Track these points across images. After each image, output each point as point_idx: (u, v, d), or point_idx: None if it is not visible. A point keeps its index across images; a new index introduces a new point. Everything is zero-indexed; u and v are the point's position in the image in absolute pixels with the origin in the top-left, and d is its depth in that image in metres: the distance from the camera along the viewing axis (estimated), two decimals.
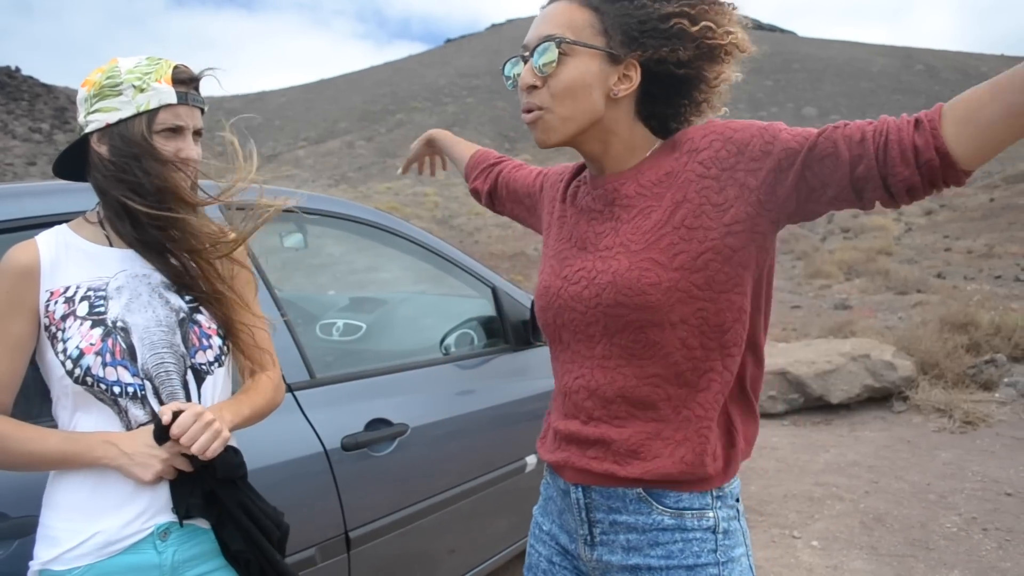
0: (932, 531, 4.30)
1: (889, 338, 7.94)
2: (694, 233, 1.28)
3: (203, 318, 1.58)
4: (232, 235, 1.61)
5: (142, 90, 1.49)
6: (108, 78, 1.51)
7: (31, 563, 1.45)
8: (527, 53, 1.37)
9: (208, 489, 1.46)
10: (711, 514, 1.37)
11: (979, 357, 7.37)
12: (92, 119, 1.51)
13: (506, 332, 3.15)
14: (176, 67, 1.54)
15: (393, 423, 2.42)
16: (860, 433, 6.28)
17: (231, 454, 1.51)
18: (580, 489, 1.44)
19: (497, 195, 1.95)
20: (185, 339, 1.54)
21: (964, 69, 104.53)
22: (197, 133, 1.59)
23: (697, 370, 1.33)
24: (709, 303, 1.29)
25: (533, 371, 3.16)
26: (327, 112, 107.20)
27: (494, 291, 3.16)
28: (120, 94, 1.50)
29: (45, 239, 1.54)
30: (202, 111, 1.60)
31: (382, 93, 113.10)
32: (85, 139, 1.55)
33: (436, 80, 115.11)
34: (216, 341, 1.59)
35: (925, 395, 6.66)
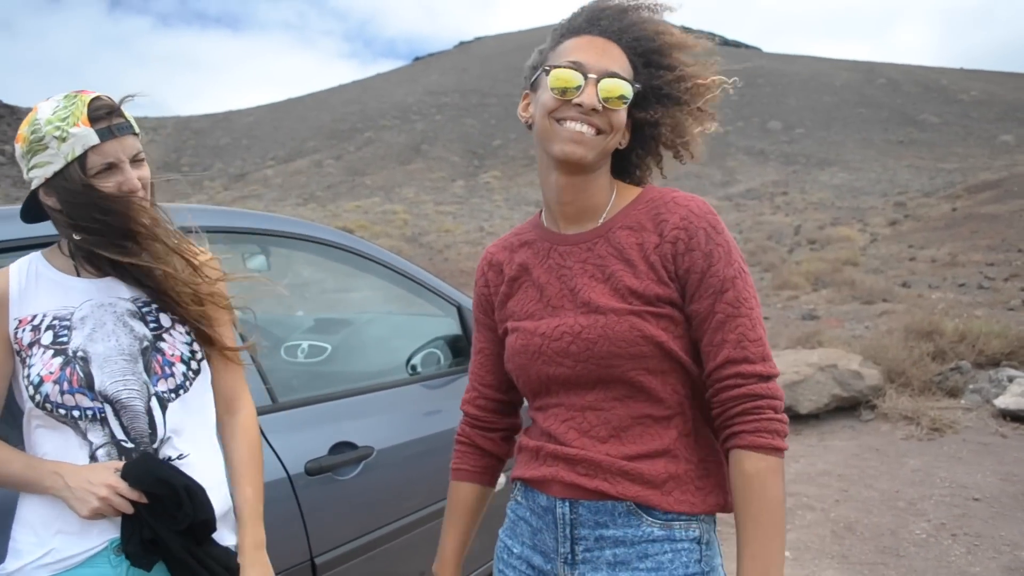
0: (902, 538, 4.34)
1: (856, 347, 8.01)
2: (668, 309, 1.39)
3: (166, 346, 1.61)
4: (199, 251, 1.69)
5: (63, 139, 1.49)
6: (32, 132, 1.51)
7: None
8: (592, 76, 1.39)
9: (150, 537, 1.48)
10: (695, 525, 1.42)
11: (944, 364, 7.45)
12: (32, 175, 1.54)
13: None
14: (90, 104, 1.53)
15: (358, 446, 2.39)
16: (829, 442, 6.32)
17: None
18: (567, 504, 1.45)
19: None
20: (147, 367, 1.58)
21: (925, 83, 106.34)
22: (136, 159, 1.58)
23: (683, 412, 1.43)
24: (687, 358, 1.41)
25: None
26: (295, 131, 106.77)
27: (459, 310, 3.15)
28: (46, 148, 1.50)
29: (17, 268, 1.60)
30: (134, 134, 1.59)
31: (350, 111, 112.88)
32: (35, 192, 1.57)
33: (404, 98, 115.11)
34: (179, 368, 1.61)
35: (892, 403, 6.73)
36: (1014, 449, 5.78)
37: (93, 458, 1.51)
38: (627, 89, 1.40)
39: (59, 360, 1.50)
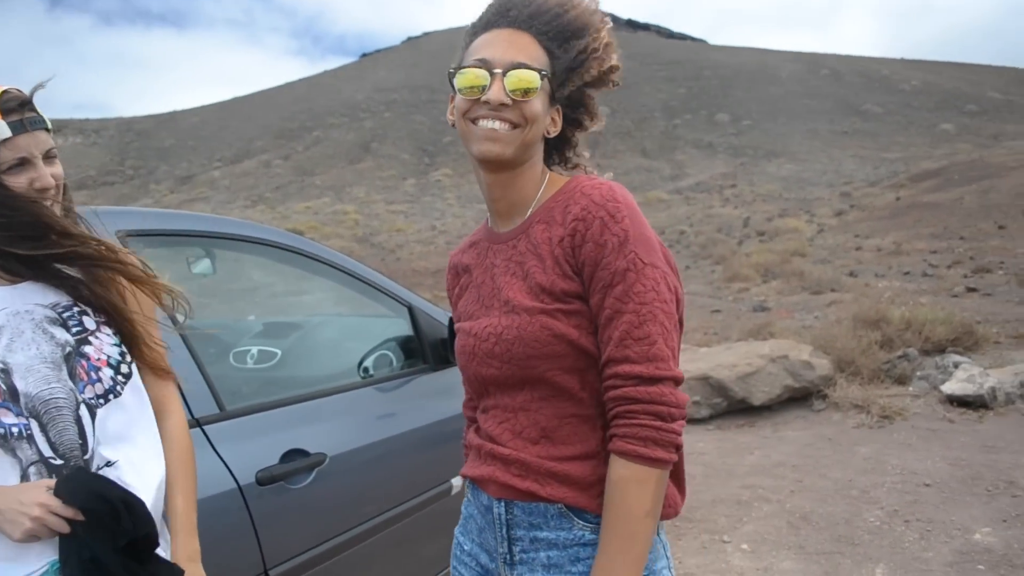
0: (856, 526, 4.39)
1: (806, 337, 8.13)
2: (578, 304, 1.37)
3: (91, 350, 1.54)
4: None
5: None
6: None
7: None
8: (498, 71, 1.37)
9: (88, 556, 1.41)
10: None
11: (892, 352, 7.59)
12: None
13: (424, 352, 3.10)
14: (2, 96, 1.48)
15: (310, 453, 2.34)
16: (783, 433, 6.39)
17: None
18: (503, 504, 1.45)
19: None
20: (72, 374, 1.50)
21: (867, 72, 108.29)
22: (49, 155, 1.54)
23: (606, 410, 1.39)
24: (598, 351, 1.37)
25: (454, 390, 3.08)
26: (242, 131, 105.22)
27: (411, 310, 3.10)
28: None
29: None
30: (47, 129, 1.54)
31: (299, 110, 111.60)
32: None
33: (353, 95, 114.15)
34: (107, 373, 1.55)
35: (843, 392, 6.83)
36: (961, 434, 5.90)
37: (25, 478, 1.43)
38: (534, 79, 1.37)
39: None
